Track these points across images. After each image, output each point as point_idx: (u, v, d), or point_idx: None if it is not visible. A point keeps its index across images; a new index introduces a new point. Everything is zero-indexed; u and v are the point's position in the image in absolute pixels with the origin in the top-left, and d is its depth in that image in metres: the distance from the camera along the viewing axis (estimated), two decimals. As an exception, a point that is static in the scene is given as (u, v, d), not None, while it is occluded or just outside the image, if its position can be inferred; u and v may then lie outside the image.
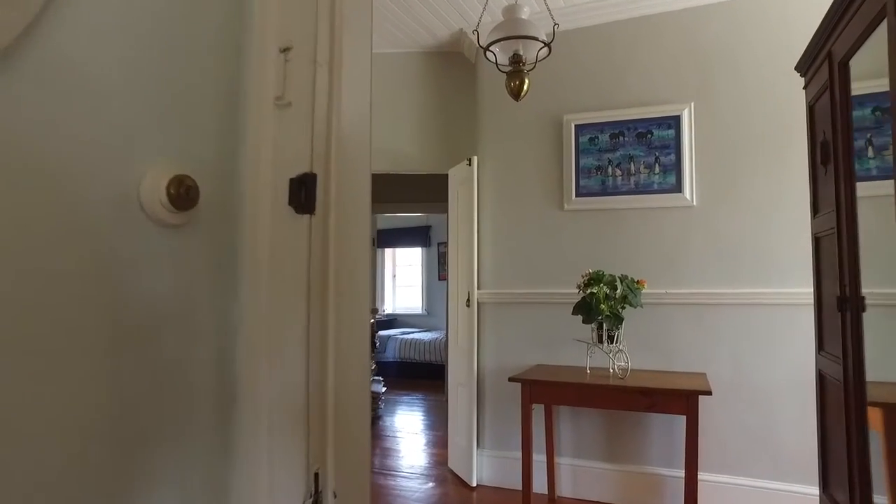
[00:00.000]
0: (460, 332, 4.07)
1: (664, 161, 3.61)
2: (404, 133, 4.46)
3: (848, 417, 1.70)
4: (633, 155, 3.68)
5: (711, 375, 3.33)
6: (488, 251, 4.00)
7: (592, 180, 3.76)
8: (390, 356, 8.98)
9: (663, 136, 3.62)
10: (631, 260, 3.61)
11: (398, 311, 11.29)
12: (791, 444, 3.27)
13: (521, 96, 2.77)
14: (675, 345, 3.53)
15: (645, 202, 3.64)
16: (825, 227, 1.93)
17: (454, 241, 4.24)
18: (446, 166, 4.36)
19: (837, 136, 1.72)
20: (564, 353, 3.69)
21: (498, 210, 4.00)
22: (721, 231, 3.49)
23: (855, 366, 1.63)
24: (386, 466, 4.46)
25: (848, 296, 1.65)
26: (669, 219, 3.60)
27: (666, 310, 3.54)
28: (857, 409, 1.65)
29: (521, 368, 3.68)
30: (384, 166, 4.49)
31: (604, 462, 3.64)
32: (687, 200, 3.55)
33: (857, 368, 1.63)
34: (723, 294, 3.44)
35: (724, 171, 3.51)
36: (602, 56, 3.82)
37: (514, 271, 3.93)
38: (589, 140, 3.79)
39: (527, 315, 3.86)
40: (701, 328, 3.49)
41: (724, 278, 3.46)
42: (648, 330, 3.55)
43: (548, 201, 3.87)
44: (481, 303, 3.97)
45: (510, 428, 3.74)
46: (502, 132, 4.03)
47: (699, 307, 3.49)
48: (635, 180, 3.67)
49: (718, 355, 3.44)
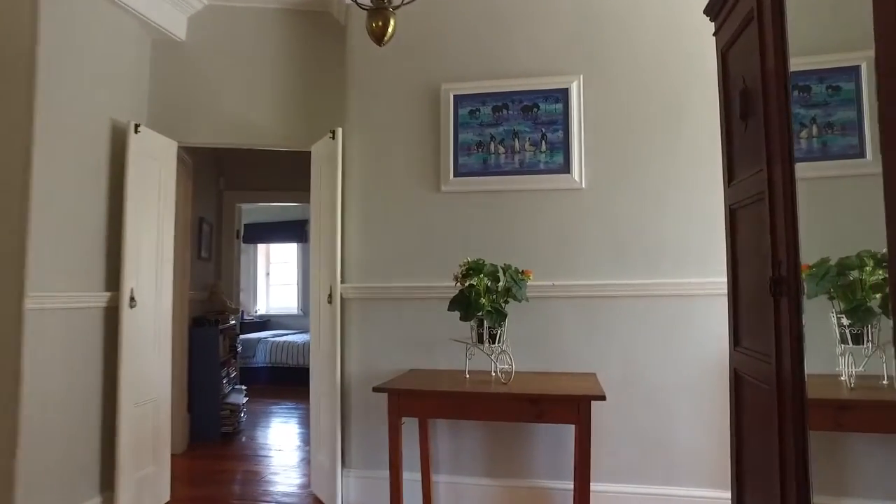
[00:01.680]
0: (322, 333, 3.48)
1: (551, 138, 3.23)
2: (259, 102, 3.78)
3: (783, 420, 1.34)
4: (517, 130, 3.27)
5: (603, 376, 2.99)
6: (354, 239, 3.43)
7: (473, 158, 3.31)
8: (260, 361, 8.14)
9: (551, 110, 3.25)
10: (515, 248, 3.20)
11: (272, 311, 10.41)
12: (688, 447, 3.00)
13: (385, 40, 2.24)
14: (564, 343, 3.16)
15: (531, 183, 3.24)
16: (748, 194, 1.57)
17: (316, 228, 3.63)
18: (309, 142, 3.74)
19: (768, 76, 1.36)
20: (442, 355, 3.21)
21: (366, 191, 3.45)
22: (612, 216, 3.17)
23: (794, 362, 1.27)
24: (237, 494, 3.77)
25: (784, 275, 1.29)
26: (557, 202, 3.22)
27: (553, 304, 3.16)
28: (796, 411, 1.29)
29: (392, 374, 3.16)
30: (233, 139, 3.79)
31: (486, 478, 3.20)
32: (576, 182, 3.19)
33: (796, 365, 1.27)
34: (614, 286, 3.11)
35: (615, 150, 3.19)
36: (486, 18, 3.37)
37: (383, 262, 3.39)
38: (469, 113, 3.33)
39: (398, 312, 3.34)
40: (591, 324, 3.14)
41: (616, 269, 3.14)
42: (534, 327, 3.15)
43: (423, 182, 3.38)
44: (346, 298, 3.40)
45: (380, 444, 3.19)
46: (372, 103, 3.48)
47: (589, 300, 3.14)
48: (520, 159, 3.26)
49: (610, 353, 3.11)
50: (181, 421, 4.68)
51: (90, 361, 3.13)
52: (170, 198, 3.64)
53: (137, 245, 3.28)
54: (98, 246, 3.20)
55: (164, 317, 3.54)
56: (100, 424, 3.18)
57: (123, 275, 3.17)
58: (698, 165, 3.06)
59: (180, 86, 3.76)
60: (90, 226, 3.15)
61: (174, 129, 3.70)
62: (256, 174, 6.27)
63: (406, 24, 2.93)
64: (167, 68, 3.76)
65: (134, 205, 3.25)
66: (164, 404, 3.53)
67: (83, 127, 3.10)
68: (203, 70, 3.78)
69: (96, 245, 3.19)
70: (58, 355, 2.90)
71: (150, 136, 3.42)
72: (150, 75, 3.74)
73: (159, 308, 3.49)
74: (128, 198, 3.21)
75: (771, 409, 1.38)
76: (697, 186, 3.05)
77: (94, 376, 3.15)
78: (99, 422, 3.17)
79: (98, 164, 3.22)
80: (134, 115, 3.45)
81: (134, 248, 3.24)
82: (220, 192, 6.18)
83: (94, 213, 3.18)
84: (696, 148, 3.08)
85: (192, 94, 3.77)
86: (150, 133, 3.42)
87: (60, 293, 2.91)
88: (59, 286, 2.91)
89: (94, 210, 3.18)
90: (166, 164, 3.59)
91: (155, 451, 3.43)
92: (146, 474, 3.32)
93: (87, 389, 3.10)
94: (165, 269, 3.56)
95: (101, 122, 3.24)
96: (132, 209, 3.23)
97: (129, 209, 3.21)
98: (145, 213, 3.38)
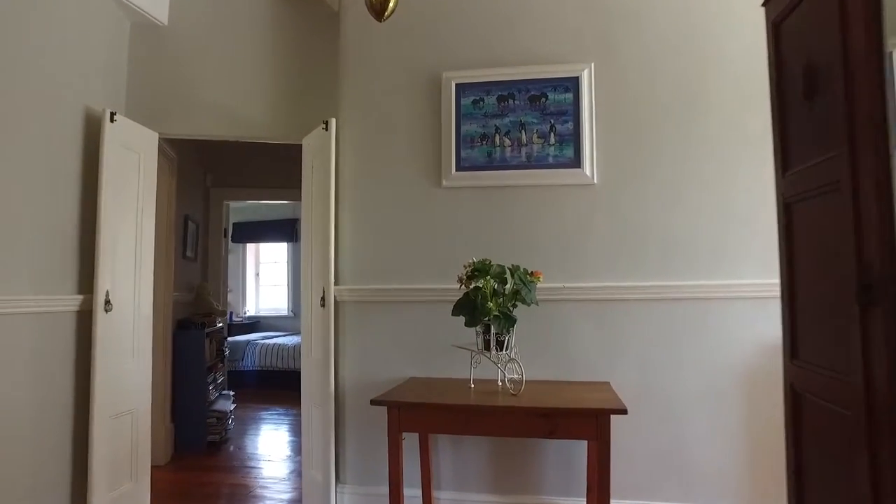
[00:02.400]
0: (314, 339, 3.24)
1: (561, 130, 3.02)
2: (247, 92, 3.53)
3: (877, 450, 1.12)
4: (524, 122, 3.05)
5: (616, 384, 2.77)
6: (348, 238, 3.20)
7: (477, 151, 3.09)
8: (249, 365, 7.87)
9: (560, 100, 3.03)
10: (522, 248, 2.98)
11: (262, 312, 10.13)
12: (708, 460, 2.79)
13: (386, 15, 2.01)
14: (574, 349, 2.94)
15: (539, 178, 3.02)
16: (814, 185, 1.36)
17: (307, 226, 3.39)
18: (301, 135, 3.49)
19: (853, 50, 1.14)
20: (444, 362, 2.98)
21: (362, 187, 3.21)
22: (625, 214, 2.95)
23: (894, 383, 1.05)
24: (222, 511, 3.52)
25: (877, 280, 1.07)
26: (567, 199, 3.01)
27: (563, 307, 2.95)
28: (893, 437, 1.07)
29: (390, 383, 2.93)
30: (218, 130, 3.54)
31: (492, 494, 2.98)
32: (587, 177, 2.97)
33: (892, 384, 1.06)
34: (628, 288, 2.90)
35: (629, 142, 2.98)
36: (490, 0, 3.15)
37: (381, 263, 3.16)
38: (473, 103, 3.11)
39: (397, 316, 3.11)
40: (603, 328, 2.93)
41: (630, 269, 2.93)
42: (542, 332, 2.93)
43: (423, 176, 3.15)
44: (340, 301, 3.16)
45: (377, 458, 2.97)
46: (369, 92, 3.25)
47: (601, 303, 2.93)
48: (527, 152, 3.04)
49: (624, 360, 2.90)
50: (164, 430, 4.42)
51: (61, 370, 2.88)
52: (150, 193, 3.38)
53: (114, 244, 3.03)
54: (70, 245, 2.95)
55: (143, 321, 3.29)
56: (71, 438, 2.93)
57: (98, 276, 2.92)
58: (717, 158, 2.86)
59: (161, 73, 3.51)
60: (61, 223, 2.89)
61: (155, 120, 3.45)
62: (245, 171, 6.01)
63: (405, 6, 2.70)
64: (147, 54, 3.50)
65: (110, 200, 3.00)
66: (144, 416, 3.28)
67: (53, 114, 2.84)
68: (186, 56, 3.52)
69: (68, 244, 2.94)
70: (24, 363, 2.65)
71: (128, 125, 3.17)
72: (128, 61, 3.48)
73: (139, 311, 3.24)
74: (102, 192, 2.96)
75: (853, 437, 1.17)
76: (713, 183, 2.85)
77: (65, 386, 2.90)
78: (70, 435, 2.92)
79: (70, 155, 2.96)
80: (110, 104, 3.20)
81: (109, 246, 2.99)
82: (206, 189, 5.91)
83: (65, 210, 2.92)
84: (714, 139, 2.87)
85: (175, 82, 3.51)
86: (127, 123, 3.17)
87: (26, 296, 2.66)
88: (24, 289, 2.66)
89: (65, 206, 2.92)
90: (146, 156, 3.34)
91: (133, 466, 3.17)
92: (123, 492, 3.07)
93: (57, 400, 2.85)
94: (145, 269, 3.31)
95: (74, 110, 2.98)
96: (107, 205, 2.98)
97: (104, 205, 2.96)
98: (123, 210, 3.13)
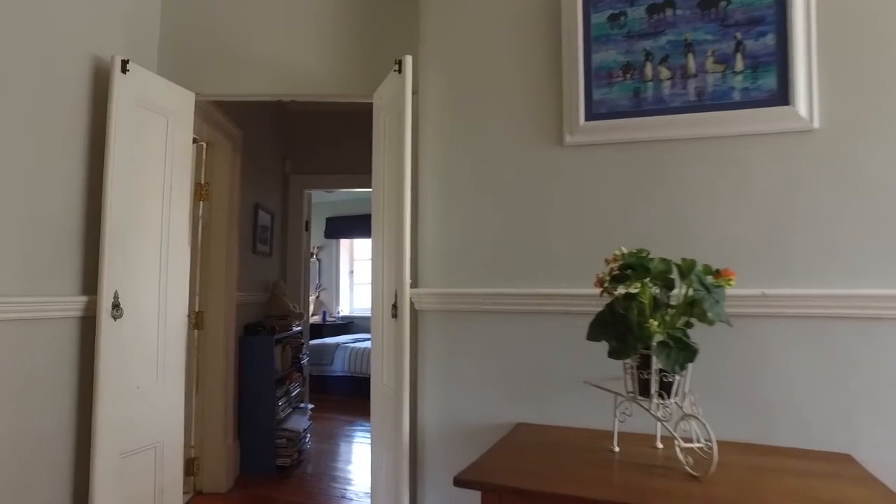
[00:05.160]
0: (385, 361, 2.37)
1: (753, 48, 1.93)
2: (304, 41, 2.75)
3: None
4: (692, 40, 2.00)
5: (865, 459, 1.67)
6: (431, 223, 2.29)
7: (617, 90, 2.07)
8: (338, 369, 7.25)
9: (750, 1, 1.94)
10: (690, 234, 1.94)
11: (356, 312, 9.57)
12: None
13: None
14: (782, 394, 1.85)
15: (718, 125, 1.95)
16: None
17: (378, 208, 2.52)
18: (373, 88, 2.66)
19: None
20: (568, 401, 2.00)
21: (448, 150, 2.29)
22: (871, 178, 1.82)
23: None
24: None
25: None
26: (766, 156, 1.92)
27: (762, 326, 1.87)
28: None
29: (488, 431, 2.00)
30: (269, 88, 2.77)
31: None
32: (802, 119, 1.87)
33: None
34: (874, 298, 1.77)
35: (878, 64, 1.84)
36: None
37: (476, 257, 2.22)
38: (609, 19, 2.09)
39: (500, 332, 2.15)
40: (832, 361, 1.81)
41: (876, 269, 1.79)
42: (729, 364, 1.87)
43: (536, 132, 2.17)
44: (420, 311, 2.26)
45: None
46: (460, 20, 2.32)
47: (827, 322, 1.82)
48: (698, 86, 1.98)
49: (870, 416, 1.77)
50: (226, 452, 3.78)
51: (58, 392, 2.20)
52: (184, 170, 2.67)
53: (124, 232, 2.32)
54: (72, 234, 2.27)
55: (173, 331, 2.57)
56: (72, 478, 2.25)
57: (102, 272, 2.21)
58: None
59: (201, 23, 2.79)
60: (59, 205, 2.21)
61: (193, 78, 2.74)
62: (329, 156, 5.31)
63: None
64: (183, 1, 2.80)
65: (119, 174, 2.29)
66: (173, 451, 2.56)
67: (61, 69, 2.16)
68: (230, 2, 2.79)
69: (68, 232, 2.25)
70: (9, 382, 1.98)
71: (149, 80, 2.46)
72: (161, 8, 2.79)
73: (165, 319, 2.52)
74: (109, 164, 2.25)
75: None
76: None
77: (63, 412, 2.22)
78: (71, 474, 2.24)
79: (75, 118, 2.28)
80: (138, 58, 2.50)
81: (118, 235, 2.28)
82: (285, 175, 5.27)
83: (66, 189, 2.24)
84: None
85: (216, 33, 2.78)
86: (148, 76, 2.46)
87: (11, 298, 1.98)
88: (6, 288, 1.98)
89: (66, 183, 2.24)
90: (179, 122, 2.63)
91: (158, 517, 2.47)
92: (141, 554, 2.36)
93: (53, 430, 2.17)
94: (176, 264, 2.59)
95: (80, 62, 2.29)
96: (115, 180, 2.27)
97: (111, 181, 2.25)
98: (142, 189, 2.42)
